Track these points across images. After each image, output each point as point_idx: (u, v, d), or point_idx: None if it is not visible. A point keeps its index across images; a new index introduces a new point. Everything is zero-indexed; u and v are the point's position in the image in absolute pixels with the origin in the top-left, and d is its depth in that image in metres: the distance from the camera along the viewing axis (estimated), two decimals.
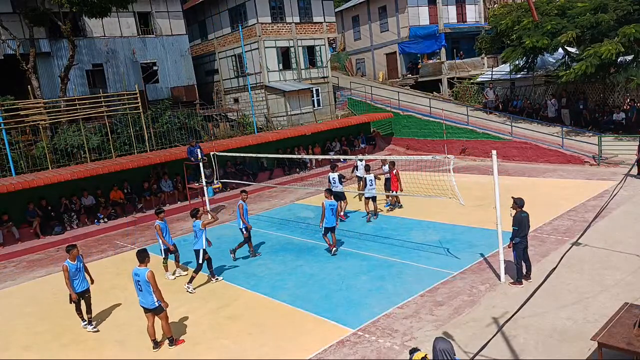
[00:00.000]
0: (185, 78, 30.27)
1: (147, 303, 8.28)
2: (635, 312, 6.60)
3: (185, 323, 9.43)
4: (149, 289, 8.13)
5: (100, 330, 9.54)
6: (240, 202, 12.56)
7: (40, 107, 20.61)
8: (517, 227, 9.34)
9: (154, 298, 8.18)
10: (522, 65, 25.25)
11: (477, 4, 37.62)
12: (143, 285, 8.18)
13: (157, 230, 11.77)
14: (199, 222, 11.16)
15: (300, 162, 23.94)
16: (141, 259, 8.31)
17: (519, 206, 9.40)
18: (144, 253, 8.39)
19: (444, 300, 9.21)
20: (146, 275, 8.06)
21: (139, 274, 8.19)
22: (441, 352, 4.90)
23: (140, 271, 8.19)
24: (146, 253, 8.42)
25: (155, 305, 8.24)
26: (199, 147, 18.16)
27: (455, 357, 4.96)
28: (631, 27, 19.60)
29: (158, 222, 11.83)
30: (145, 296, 8.24)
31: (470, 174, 19.97)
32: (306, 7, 30.79)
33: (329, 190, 12.71)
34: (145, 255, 8.36)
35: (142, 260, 8.31)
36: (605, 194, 14.62)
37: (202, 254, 11.00)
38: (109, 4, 21.45)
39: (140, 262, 8.29)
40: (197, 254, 11.05)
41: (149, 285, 8.11)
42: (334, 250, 12.41)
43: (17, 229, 16.41)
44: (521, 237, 9.38)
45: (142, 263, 8.28)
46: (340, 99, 33.44)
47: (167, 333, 8.49)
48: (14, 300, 11.75)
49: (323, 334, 8.42)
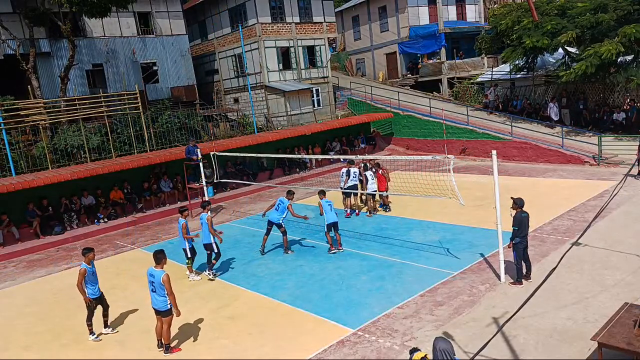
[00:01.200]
0: (185, 78, 30.27)
1: (158, 305, 8.16)
2: (635, 312, 6.60)
3: (185, 323, 9.43)
4: (163, 291, 8.00)
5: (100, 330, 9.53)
6: (182, 221, 11.53)
7: (40, 107, 20.61)
8: (518, 227, 9.35)
9: (166, 300, 8.05)
10: (522, 65, 25.25)
11: (477, 4, 37.63)
12: (157, 287, 8.04)
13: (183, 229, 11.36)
14: (205, 215, 11.48)
15: (300, 162, 23.94)
16: (158, 260, 8.13)
17: (519, 206, 9.40)
18: (160, 254, 8.19)
19: (444, 300, 9.21)
20: (162, 279, 7.92)
21: (155, 275, 8.04)
22: (441, 352, 4.91)
23: (157, 273, 8.03)
24: (163, 254, 8.22)
25: (166, 308, 8.11)
26: (197, 148, 18.15)
27: (455, 357, 4.96)
28: (631, 27, 19.60)
29: (183, 221, 11.40)
30: (158, 298, 8.10)
31: (470, 174, 19.96)
32: (306, 7, 30.79)
33: (322, 192, 12.90)
34: (162, 257, 8.18)
35: (159, 261, 8.13)
36: (605, 194, 14.61)
37: (214, 246, 11.39)
38: (109, 4, 21.44)
39: (156, 263, 8.13)
40: (208, 247, 11.41)
41: (163, 288, 7.98)
42: (334, 250, 12.44)
43: (17, 229, 16.41)
44: (521, 237, 9.39)
45: (159, 264, 8.12)
46: (340, 99, 33.44)
47: (166, 340, 8.35)
48: (14, 300, 11.74)
49: (323, 334, 8.41)
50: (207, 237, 11.40)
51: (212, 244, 11.41)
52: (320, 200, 12.64)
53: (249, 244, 14.14)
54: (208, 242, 11.41)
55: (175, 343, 8.62)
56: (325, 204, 12.47)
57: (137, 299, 10.71)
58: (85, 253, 9.12)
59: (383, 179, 15.87)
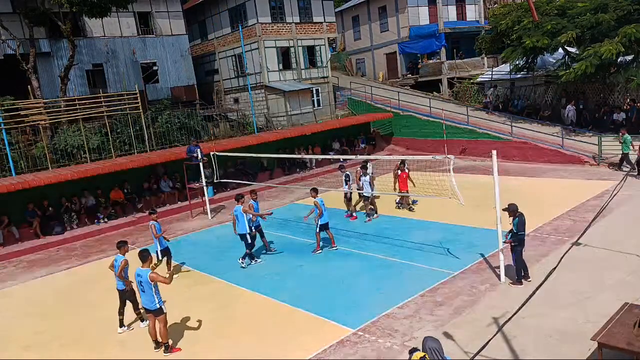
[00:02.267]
0: (185, 78, 30.27)
1: (148, 304, 8.21)
2: (635, 312, 6.60)
3: (185, 323, 9.43)
4: (151, 290, 8.08)
5: (101, 330, 9.54)
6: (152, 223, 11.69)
7: (40, 107, 20.60)
8: (523, 230, 9.32)
9: (155, 299, 8.11)
10: (522, 65, 25.25)
11: (477, 4, 37.62)
12: (145, 286, 8.12)
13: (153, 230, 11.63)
14: (240, 207, 11.96)
15: (300, 162, 23.93)
16: (143, 259, 8.27)
17: (513, 212, 9.39)
18: (145, 253, 8.36)
19: (444, 300, 9.21)
20: (149, 276, 8.03)
21: (142, 274, 8.14)
22: (431, 351, 4.93)
23: (143, 272, 8.15)
24: (148, 253, 8.39)
25: (156, 307, 8.17)
26: (198, 148, 18.16)
27: (445, 356, 4.98)
28: (631, 27, 19.61)
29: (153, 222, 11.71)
30: (147, 297, 8.16)
31: (470, 174, 19.95)
32: (306, 7, 30.79)
33: (315, 189, 12.85)
34: (147, 255, 8.33)
35: (144, 260, 8.26)
36: (605, 194, 14.60)
37: (248, 237, 11.83)
38: (109, 4, 21.44)
39: (142, 262, 8.25)
40: (243, 237, 11.94)
41: (151, 287, 8.06)
42: (319, 251, 12.53)
43: (17, 229, 16.42)
44: (521, 239, 9.37)
45: (145, 263, 8.23)
46: (340, 99, 33.44)
47: (164, 339, 8.39)
48: (14, 300, 11.75)
49: (323, 334, 8.41)
50: (243, 228, 11.95)
51: (246, 235, 11.96)
52: (316, 199, 12.49)
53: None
54: (243, 233, 11.98)
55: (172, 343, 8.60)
56: (322, 204, 12.43)
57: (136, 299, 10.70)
58: (121, 246, 9.42)
59: (406, 179, 15.40)
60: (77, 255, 15.06)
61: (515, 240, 9.40)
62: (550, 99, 25.69)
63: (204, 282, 11.50)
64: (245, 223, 11.96)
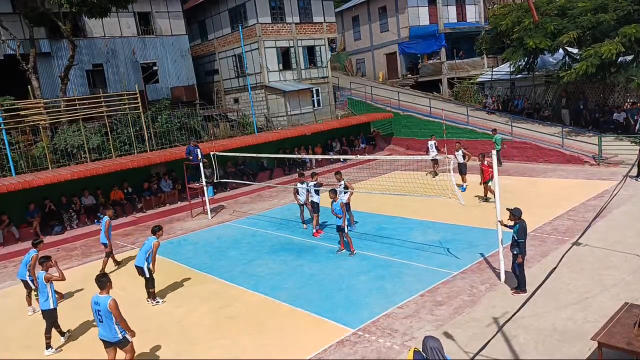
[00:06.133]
0: (185, 78, 30.26)
1: (108, 336, 7.23)
2: (635, 312, 6.60)
3: (185, 323, 9.43)
4: (111, 320, 7.11)
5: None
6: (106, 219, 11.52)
7: (40, 107, 20.59)
8: (524, 238, 9.00)
9: (117, 330, 7.18)
10: (523, 65, 25.26)
11: (477, 4, 37.63)
12: (104, 316, 7.12)
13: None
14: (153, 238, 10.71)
15: (300, 162, 23.94)
16: (101, 285, 7.27)
17: (517, 217, 9.01)
18: (103, 278, 7.36)
19: (444, 300, 9.21)
20: (108, 305, 7.05)
21: (99, 302, 7.15)
22: (432, 350, 4.93)
23: (101, 300, 7.15)
24: (106, 278, 7.40)
25: (118, 338, 7.23)
26: (198, 148, 18.16)
27: (446, 355, 4.98)
28: (631, 27, 19.62)
29: (34, 252, 10.57)
30: (107, 328, 7.19)
31: (470, 174, 19.94)
32: (306, 7, 30.77)
33: (334, 191, 12.56)
34: (106, 281, 7.34)
35: (103, 286, 7.27)
36: (605, 194, 14.61)
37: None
38: (109, 4, 21.42)
39: (100, 288, 7.26)
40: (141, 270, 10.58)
41: (111, 317, 7.10)
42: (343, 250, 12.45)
43: (17, 229, 16.42)
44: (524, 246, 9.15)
45: (103, 289, 7.25)
46: (340, 99, 33.44)
47: None
48: (14, 300, 11.74)
49: (323, 334, 8.41)
50: (141, 261, 10.58)
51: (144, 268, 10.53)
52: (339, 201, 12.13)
53: (248, 244, 14.13)
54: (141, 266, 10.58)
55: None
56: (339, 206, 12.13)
57: (137, 298, 10.71)
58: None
59: (488, 169, 14.70)
60: (77, 255, 15.06)
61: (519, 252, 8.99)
62: (550, 99, 25.67)
63: (203, 282, 11.49)
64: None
